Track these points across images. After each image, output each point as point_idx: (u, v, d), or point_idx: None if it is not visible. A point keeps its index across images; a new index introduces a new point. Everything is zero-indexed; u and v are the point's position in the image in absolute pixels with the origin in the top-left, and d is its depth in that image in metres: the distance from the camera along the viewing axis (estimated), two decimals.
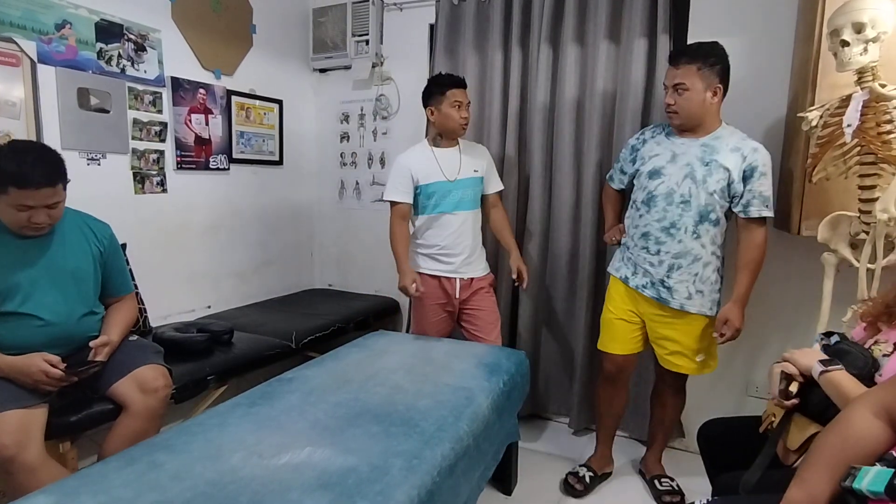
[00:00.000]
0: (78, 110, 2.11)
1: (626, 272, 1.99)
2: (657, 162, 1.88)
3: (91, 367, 1.61)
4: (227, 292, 2.84)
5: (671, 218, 1.84)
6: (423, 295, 2.21)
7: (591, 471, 2.14)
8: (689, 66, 1.75)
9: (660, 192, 1.86)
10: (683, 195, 1.82)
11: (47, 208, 1.54)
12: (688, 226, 1.83)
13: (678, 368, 1.94)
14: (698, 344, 1.91)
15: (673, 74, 1.79)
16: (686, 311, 1.88)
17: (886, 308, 1.24)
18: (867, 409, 0.94)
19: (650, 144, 1.94)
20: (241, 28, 2.80)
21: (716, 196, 1.79)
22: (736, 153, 1.78)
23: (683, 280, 1.86)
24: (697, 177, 1.80)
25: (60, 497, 1.09)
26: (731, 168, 1.77)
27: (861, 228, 1.65)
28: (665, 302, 1.89)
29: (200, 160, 2.62)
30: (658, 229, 1.87)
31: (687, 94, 1.77)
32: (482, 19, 2.60)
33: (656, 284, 1.90)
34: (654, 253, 1.89)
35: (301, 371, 1.78)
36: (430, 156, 2.20)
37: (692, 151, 1.82)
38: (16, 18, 1.92)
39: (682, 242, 1.84)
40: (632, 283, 1.96)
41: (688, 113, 1.80)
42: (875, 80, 1.53)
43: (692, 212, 1.81)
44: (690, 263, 1.85)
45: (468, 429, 1.46)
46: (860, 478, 0.85)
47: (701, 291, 1.87)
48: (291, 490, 1.12)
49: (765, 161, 1.78)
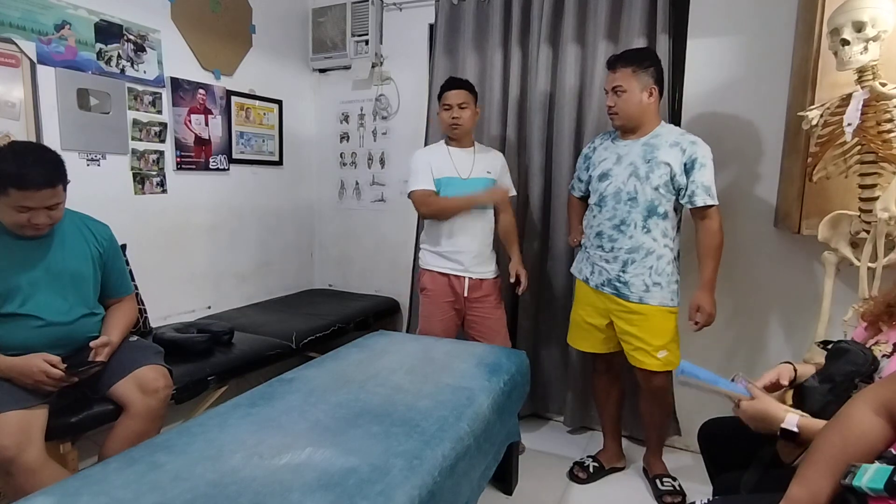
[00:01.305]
0: (77, 111, 2.11)
1: (587, 272, 2.06)
2: (605, 165, 1.99)
3: (91, 367, 1.61)
4: (227, 292, 2.84)
5: (621, 215, 1.93)
6: (432, 292, 2.22)
7: (597, 462, 2.20)
8: (624, 69, 1.87)
9: (609, 192, 1.95)
10: (630, 192, 1.90)
11: (47, 209, 1.54)
12: (636, 221, 1.90)
13: (641, 365, 1.96)
14: (660, 340, 1.93)
15: (611, 78, 1.91)
16: (646, 304, 1.92)
17: (888, 307, 1.24)
18: (867, 407, 0.94)
19: (599, 151, 2.05)
20: (240, 28, 2.80)
21: (660, 190, 1.87)
22: (675, 148, 1.86)
23: (639, 273, 1.91)
24: (641, 174, 1.89)
25: (61, 498, 1.09)
26: (671, 162, 1.85)
27: (861, 227, 1.65)
28: (625, 297, 1.94)
29: (200, 160, 2.62)
30: (610, 227, 1.95)
31: (625, 95, 1.87)
32: (482, 19, 2.60)
33: (613, 281, 1.96)
34: (608, 250, 1.97)
35: (301, 371, 1.78)
36: (445, 153, 2.23)
37: (634, 151, 1.92)
38: (15, 19, 1.92)
39: (633, 238, 1.91)
40: (591, 283, 2.04)
41: (627, 113, 1.90)
42: (875, 79, 1.53)
43: (639, 207, 1.89)
44: (644, 257, 1.91)
45: (469, 429, 1.45)
46: (860, 475, 0.85)
47: (658, 283, 1.91)
48: (292, 491, 1.11)
49: (704, 153, 1.85)
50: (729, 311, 2.31)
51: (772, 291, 2.21)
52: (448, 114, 2.17)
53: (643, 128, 1.93)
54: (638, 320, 1.94)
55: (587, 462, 2.21)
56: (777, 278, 2.20)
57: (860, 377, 1.18)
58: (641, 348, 1.95)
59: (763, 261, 2.22)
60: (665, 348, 1.93)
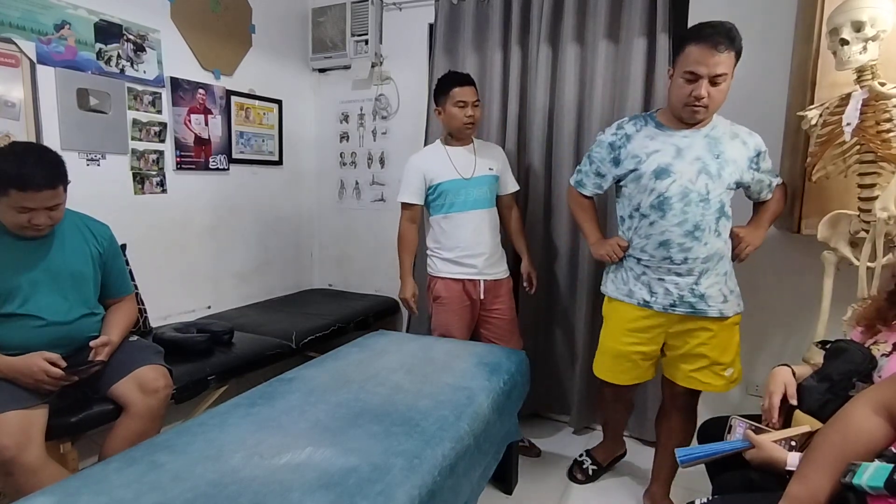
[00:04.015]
0: (77, 111, 2.11)
1: (642, 294, 1.74)
2: (661, 159, 1.66)
3: (91, 367, 1.61)
4: (227, 292, 2.84)
5: (693, 219, 1.63)
6: (447, 300, 2.18)
7: (595, 463, 2.18)
8: (730, 52, 1.52)
9: (673, 192, 1.64)
10: (701, 192, 1.63)
11: (48, 210, 1.54)
12: (711, 225, 1.64)
13: (705, 387, 1.75)
14: (728, 356, 1.74)
15: (714, 62, 1.51)
16: (725, 316, 1.70)
17: (879, 313, 1.25)
18: (867, 407, 0.94)
19: (640, 140, 1.71)
20: (240, 28, 2.79)
21: (731, 189, 1.68)
22: (736, 140, 1.67)
23: (715, 283, 1.68)
24: (712, 171, 1.63)
25: (61, 498, 1.09)
26: (737, 158, 1.66)
27: (861, 227, 1.65)
28: (702, 313, 1.69)
29: (200, 160, 2.62)
30: (681, 234, 1.65)
31: (723, 85, 1.56)
32: (481, 19, 2.60)
33: (686, 297, 1.68)
34: (679, 262, 1.67)
35: (301, 371, 1.78)
36: (443, 155, 2.18)
37: (698, 144, 1.65)
38: (15, 19, 1.92)
39: (708, 244, 1.65)
40: (656, 307, 1.72)
41: (717, 106, 1.60)
42: (874, 79, 1.52)
43: (712, 209, 1.64)
44: (717, 264, 1.69)
45: (469, 428, 1.46)
46: (860, 474, 0.86)
47: (733, 291, 1.73)
48: (292, 490, 1.12)
49: (761, 141, 1.72)
50: None
51: (771, 291, 2.22)
52: (463, 111, 2.10)
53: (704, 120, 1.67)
54: (710, 337, 1.71)
55: (586, 463, 2.19)
56: (776, 278, 2.20)
57: (858, 376, 1.18)
58: (707, 368, 1.73)
59: (762, 260, 2.22)
60: (732, 365, 1.75)
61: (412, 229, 2.22)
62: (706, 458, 1.27)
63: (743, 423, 1.25)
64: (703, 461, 1.29)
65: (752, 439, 1.18)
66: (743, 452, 1.20)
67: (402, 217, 2.22)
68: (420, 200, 2.19)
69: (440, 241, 2.21)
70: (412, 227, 2.22)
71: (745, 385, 2.33)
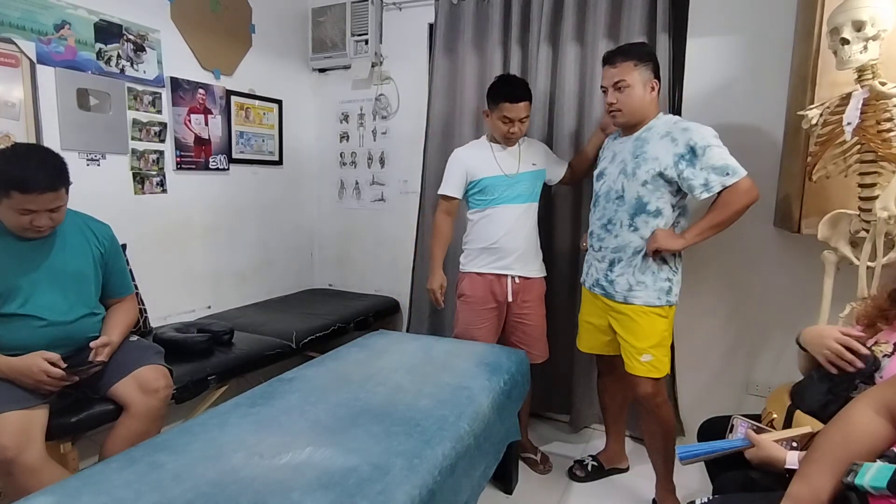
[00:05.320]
0: (77, 111, 2.10)
1: (584, 275, 2.06)
2: (602, 165, 1.97)
3: (92, 367, 1.61)
4: (227, 292, 2.84)
5: (608, 215, 1.89)
6: (471, 298, 2.16)
7: (597, 462, 2.20)
8: (625, 63, 1.79)
9: (602, 191, 1.93)
10: (618, 191, 1.85)
11: (49, 212, 1.54)
12: (623, 220, 1.84)
13: (629, 369, 1.87)
14: (643, 342, 1.84)
15: (611, 74, 1.81)
16: (630, 304, 1.84)
17: (880, 311, 1.25)
18: (869, 407, 0.94)
19: (603, 151, 2.03)
20: (240, 28, 2.79)
21: (648, 186, 1.77)
22: (665, 139, 1.75)
23: (623, 273, 1.86)
24: (628, 170, 1.82)
25: (61, 498, 1.09)
26: (660, 156, 1.74)
27: (861, 226, 1.65)
28: (610, 296, 1.90)
29: (200, 160, 2.62)
30: (599, 227, 1.93)
31: (628, 90, 1.79)
32: (481, 18, 2.60)
33: (601, 280, 1.93)
34: (597, 250, 1.95)
35: (301, 371, 1.78)
36: (488, 152, 2.15)
37: (626, 148, 1.86)
38: (15, 19, 1.92)
39: (618, 237, 1.86)
40: (586, 284, 2.03)
41: (630, 109, 1.81)
42: (875, 78, 1.52)
43: (626, 206, 1.83)
44: (631, 256, 1.84)
45: (469, 428, 1.46)
46: (862, 474, 0.86)
47: (643, 282, 1.83)
48: (292, 490, 1.12)
49: (702, 134, 1.70)
50: (728, 311, 2.31)
51: (771, 290, 2.21)
52: (507, 127, 2.06)
53: (642, 124, 1.84)
54: (624, 321, 1.87)
55: (587, 461, 2.21)
56: (776, 277, 2.20)
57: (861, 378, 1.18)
58: (626, 351, 1.88)
59: (763, 260, 2.22)
60: (649, 352, 1.83)
61: (448, 221, 2.20)
62: (706, 456, 1.28)
63: (745, 423, 1.26)
64: (702, 459, 1.30)
65: (752, 438, 1.19)
66: (743, 451, 1.20)
67: (439, 209, 2.20)
68: (459, 195, 2.17)
69: (475, 233, 2.18)
70: (448, 219, 2.20)
71: (745, 384, 2.33)
